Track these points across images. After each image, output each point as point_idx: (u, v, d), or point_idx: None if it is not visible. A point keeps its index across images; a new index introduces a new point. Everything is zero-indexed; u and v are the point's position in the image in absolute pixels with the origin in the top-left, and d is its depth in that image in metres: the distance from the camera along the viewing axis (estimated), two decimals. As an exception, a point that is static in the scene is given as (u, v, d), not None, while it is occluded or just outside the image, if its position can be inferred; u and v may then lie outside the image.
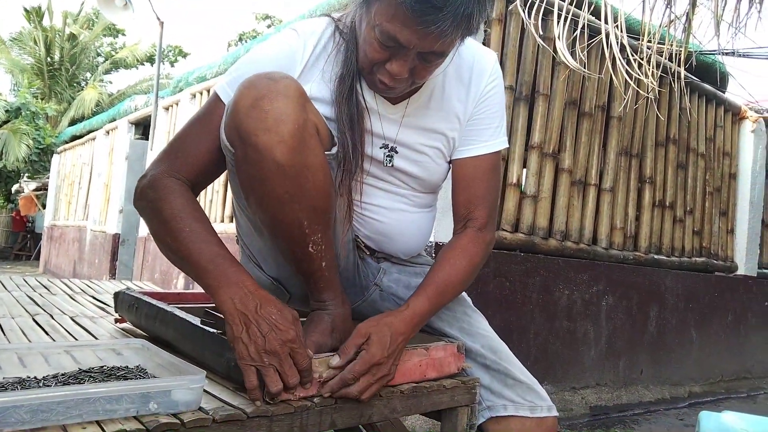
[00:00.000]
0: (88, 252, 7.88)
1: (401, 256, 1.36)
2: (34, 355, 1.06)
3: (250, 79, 1.02)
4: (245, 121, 0.98)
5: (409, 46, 1.02)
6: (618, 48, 2.79)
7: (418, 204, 1.33)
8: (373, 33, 1.05)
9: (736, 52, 3.36)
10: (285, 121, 0.97)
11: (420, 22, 0.98)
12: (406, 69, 1.07)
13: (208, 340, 1.11)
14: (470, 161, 1.29)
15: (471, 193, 1.28)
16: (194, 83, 5.33)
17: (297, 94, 1.00)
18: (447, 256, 1.23)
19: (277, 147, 0.97)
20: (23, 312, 1.84)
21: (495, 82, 1.29)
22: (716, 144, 4.50)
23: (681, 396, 4.03)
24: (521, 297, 3.13)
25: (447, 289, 1.20)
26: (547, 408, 1.25)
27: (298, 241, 1.06)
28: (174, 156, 1.15)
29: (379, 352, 1.04)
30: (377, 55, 1.07)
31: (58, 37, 17.62)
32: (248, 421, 0.90)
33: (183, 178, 1.12)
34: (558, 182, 3.38)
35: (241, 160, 1.02)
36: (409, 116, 1.23)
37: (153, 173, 1.12)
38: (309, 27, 1.21)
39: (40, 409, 0.77)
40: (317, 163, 1.03)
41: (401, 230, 1.31)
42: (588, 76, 3.35)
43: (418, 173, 1.28)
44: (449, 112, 1.26)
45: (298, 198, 1.01)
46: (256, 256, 1.28)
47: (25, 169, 13.07)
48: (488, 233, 1.29)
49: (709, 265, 4.38)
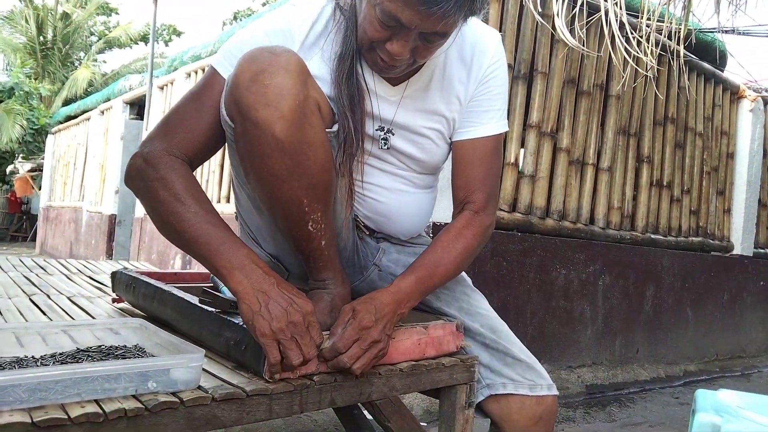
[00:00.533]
0: (85, 233, 7.87)
1: (401, 236, 1.36)
2: (32, 335, 1.05)
3: (252, 52, 1.00)
4: (245, 96, 0.96)
5: (411, 26, 1.00)
6: (617, 26, 2.77)
7: (419, 185, 1.31)
8: (373, 11, 1.02)
9: (735, 30, 3.34)
10: (285, 96, 0.96)
11: (422, 2, 0.96)
12: (407, 49, 1.05)
13: (206, 319, 1.11)
14: (469, 143, 1.27)
15: (470, 176, 1.27)
16: (189, 62, 5.27)
17: (298, 69, 0.99)
18: (442, 239, 1.22)
19: (277, 122, 0.95)
20: (20, 292, 1.83)
21: (498, 63, 1.26)
22: (714, 123, 4.49)
23: (676, 375, 4.06)
24: (518, 276, 3.13)
25: (437, 271, 1.18)
26: (546, 387, 1.25)
27: (297, 220, 1.05)
28: (171, 132, 1.11)
29: (367, 316, 1.03)
30: (377, 34, 1.05)
31: (51, 16, 17.41)
32: (248, 399, 0.90)
33: (182, 155, 1.09)
34: (556, 162, 3.37)
35: (241, 136, 1.01)
36: (407, 97, 1.22)
37: (149, 150, 1.08)
38: (308, 3, 1.18)
39: (38, 388, 0.77)
40: (318, 140, 1.01)
41: (401, 210, 1.30)
42: (587, 55, 3.32)
43: (418, 155, 1.26)
44: (450, 93, 1.24)
45: (298, 175, 1.00)
46: (255, 234, 1.27)
47: (19, 149, 12.99)
48: (487, 217, 1.27)
49: (706, 245, 4.39)
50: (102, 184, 7.39)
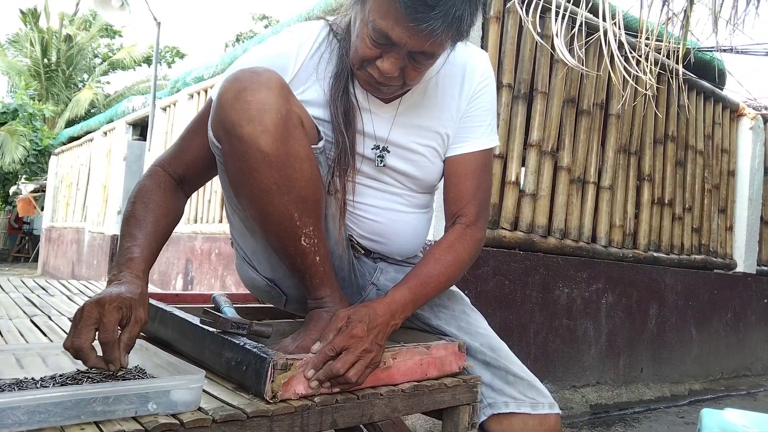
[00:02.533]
0: (87, 253, 7.86)
1: (397, 257, 1.36)
2: (32, 356, 1.05)
3: (235, 73, 1.04)
4: (229, 113, 1.00)
5: (400, 43, 1.04)
6: (616, 45, 2.79)
7: (414, 204, 1.32)
8: (366, 29, 1.06)
9: (734, 48, 3.36)
10: (268, 110, 0.99)
11: (411, 19, 0.99)
12: (396, 68, 1.08)
13: (207, 340, 1.10)
14: (461, 158, 1.29)
15: (461, 190, 1.29)
16: (191, 83, 5.32)
17: (279, 86, 1.02)
18: (434, 251, 1.23)
19: (261, 137, 0.99)
20: (21, 313, 1.83)
21: (487, 80, 1.30)
22: (714, 141, 4.50)
23: (681, 394, 4.03)
24: (521, 295, 3.12)
25: (429, 282, 1.19)
26: (549, 405, 1.24)
27: (289, 235, 1.06)
28: (169, 152, 1.24)
29: (359, 326, 1.04)
30: (369, 51, 1.08)
31: (55, 39, 17.59)
32: (248, 421, 0.90)
33: (171, 170, 1.21)
34: (557, 180, 3.38)
35: (228, 154, 1.04)
36: (401, 115, 1.24)
37: (153, 164, 1.24)
38: (304, 29, 1.23)
39: (38, 410, 0.76)
40: (303, 153, 1.04)
41: (396, 230, 1.30)
42: (586, 74, 3.35)
43: (413, 172, 1.27)
44: (443, 110, 1.27)
45: (286, 188, 1.02)
46: (251, 258, 1.27)
47: (22, 170, 13.04)
48: (478, 230, 1.28)
49: (709, 263, 4.38)
50: (104, 205, 7.40)
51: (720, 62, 4.17)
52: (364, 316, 1.07)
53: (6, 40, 17.59)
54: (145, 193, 1.17)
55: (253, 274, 1.29)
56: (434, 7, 0.98)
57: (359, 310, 1.08)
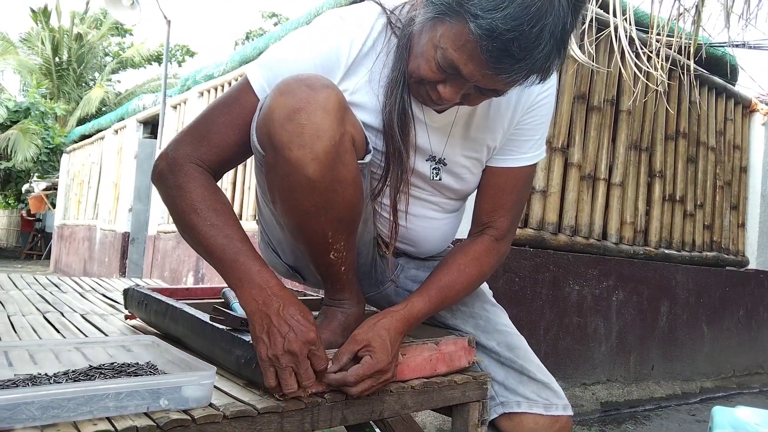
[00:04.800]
0: (98, 251, 7.92)
1: (421, 256, 1.35)
2: (45, 353, 1.06)
3: (288, 83, 0.95)
4: (280, 132, 0.93)
5: (470, 79, 0.96)
6: (627, 41, 2.77)
7: (448, 210, 1.29)
8: (433, 52, 0.96)
9: (746, 44, 3.33)
10: (321, 137, 0.92)
11: (491, 66, 0.91)
12: (458, 95, 1.01)
13: (217, 337, 1.11)
14: (505, 171, 1.22)
15: (498, 202, 1.23)
16: (202, 81, 5.33)
17: (336, 108, 0.94)
18: (458, 260, 1.19)
19: (311, 164, 0.92)
20: (34, 310, 1.84)
21: (549, 91, 1.19)
22: (726, 137, 4.46)
23: (692, 391, 4.00)
24: (531, 292, 3.11)
25: (450, 294, 1.16)
26: (562, 407, 1.23)
27: (320, 250, 1.04)
28: (198, 140, 1.08)
29: (384, 357, 1.01)
30: (432, 75, 0.99)
31: (66, 37, 17.70)
32: (259, 416, 0.90)
33: (206, 166, 1.07)
34: (567, 177, 3.36)
35: (272, 167, 0.98)
36: (457, 125, 1.17)
37: (174, 155, 1.07)
38: (357, 18, 1.10)
39: (51, 406, 0.77)
40: (349, 177, 0.98)
41: (427, 237, 1.28)
42: (597, 70, 3.32)
43: (455, 185, 1.23)
44: (496, 121, 1.18)
45: (326, 211, 0.98)
46: (275, 245, 1.27)
47: (35, 168, 13.15)
48: (505, 245, 1.25)
49: (720, 260, 4.35)
50: (116, 203, 7.45)
51: (732, 58, 4.13)
52: (386, 341, 1.02)
53: (18, 39, 17.71)
54: (209, 198, 1.04)
55: (274, 259, 1.29)
56: (520, 60, 0.89)
57: (378, 332, 1.03)
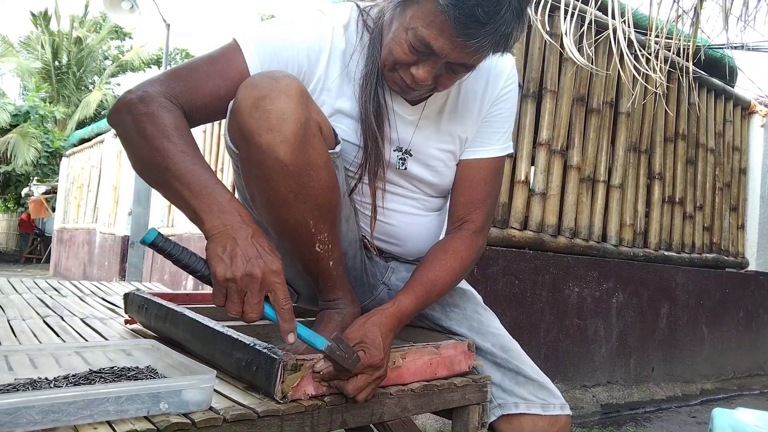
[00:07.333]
0: (98, 254, 7.92)
1: (409, 258, 1.36)
2: (45, 357, 1.06)
3: (252, 78, 1.01)
4: (248, 121, 0.97)
5: (442, 54, 1.01)
6: (625, 43, 2.77)
7: (429, 207, 1.32)
8: (405, 35, 1.03)
9: (745, 45, 3.34)
10: (287, 119, 0.96)
11: (460, 34, 0.97)
12: (431, 76, 1.06)
13: (218, 340, 1.11)
14: (476, 163, 1.28)
15: (472, 195, 1.27)
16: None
17: (298, 93, 0.99)
18: (438, 257, 1.22)
19: (281, 146, 0.96)
20: (34, 314, 1.84)
21: (511, 86, 1.28)
22: (726, 139, 4.47)
23: (693, 393, 4.00)
24: (531, 295, 3.11)
25: (434, 289, 1.18)
26: (560, 406, 1.24)
27: (305, 241, 1.06)
28: (175, 81, 1.06)
29: (377, 353, 1.01)
30: (405, 57, 1.05)
31: (66, 41, 17.73)
32: (259, 420, 0.90)
33: (179, 103, 1.04)
34: (566, 179, 3.37)
35: (245, 161, 1.02)
36: (425, 118, 1.22)
37: (146, 90, 1.03)
38: (336, 14, 1.18)
39: (51, 410, 0.77)
40: (321, 161, 1.02)
41: (411, 234, 1.30)
42: (596, 73, 3.33)
43: (431, 178, 1.26)
44: (464, 114, 1.25)
45: (303, 197, 1.01)
46: None
47: (34, 172, 13.16)
48: (482, 238, 1.28)
49: (720, 261, 4.35)
50: (115, 206, 7.45)
51: (731, 59, 4.14)
52: (377, 337, 1.03)
53: (18, 43, 17.73)
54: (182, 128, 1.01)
55: None
56: (485, 24, 0.96)
57: (370, 329, 1.04)
